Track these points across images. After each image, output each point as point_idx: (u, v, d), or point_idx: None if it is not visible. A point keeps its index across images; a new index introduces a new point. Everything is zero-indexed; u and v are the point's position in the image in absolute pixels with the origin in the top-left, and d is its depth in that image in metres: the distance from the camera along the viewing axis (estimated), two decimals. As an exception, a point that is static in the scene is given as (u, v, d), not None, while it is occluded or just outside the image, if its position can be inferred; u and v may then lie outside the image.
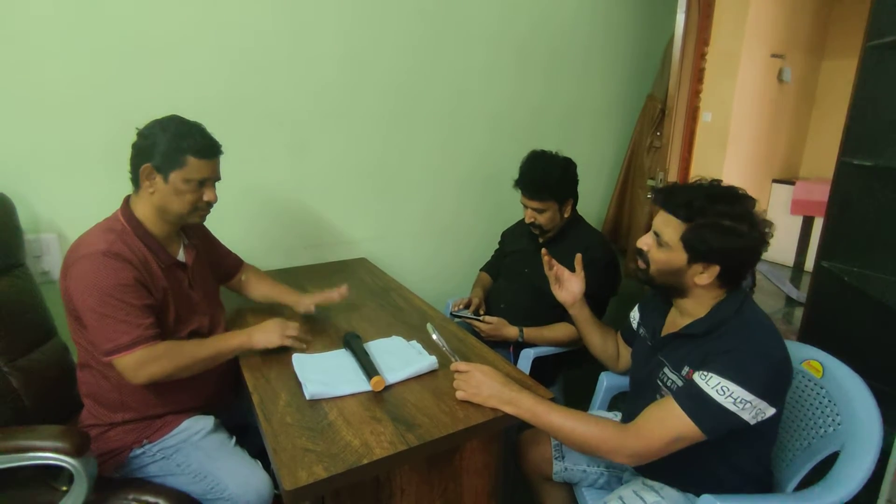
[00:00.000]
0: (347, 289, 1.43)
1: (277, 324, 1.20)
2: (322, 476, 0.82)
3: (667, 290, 1.06)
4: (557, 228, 1.65)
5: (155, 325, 1.07)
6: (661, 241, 1.01)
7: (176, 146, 1.08)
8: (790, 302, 3.67)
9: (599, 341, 1.34)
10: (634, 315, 1.28)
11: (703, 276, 0.97)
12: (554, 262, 1.36)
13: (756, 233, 0.95)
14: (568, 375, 1.82)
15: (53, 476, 1.07)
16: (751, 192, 1.02)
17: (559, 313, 1.63)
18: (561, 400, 1.79)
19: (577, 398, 1.61)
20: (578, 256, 1.34)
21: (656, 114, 2.30)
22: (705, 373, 0.91)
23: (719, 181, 1.02)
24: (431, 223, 2.17)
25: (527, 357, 1.54)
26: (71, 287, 1.03)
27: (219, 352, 1.13)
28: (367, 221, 2.03)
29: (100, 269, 1.02)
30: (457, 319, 1.68)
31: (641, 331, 1.20)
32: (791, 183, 4.30)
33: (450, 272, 2.24)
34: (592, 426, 0.96)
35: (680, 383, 0.99)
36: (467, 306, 1.75)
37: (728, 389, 0.88)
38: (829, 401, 1.11)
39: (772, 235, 0.98)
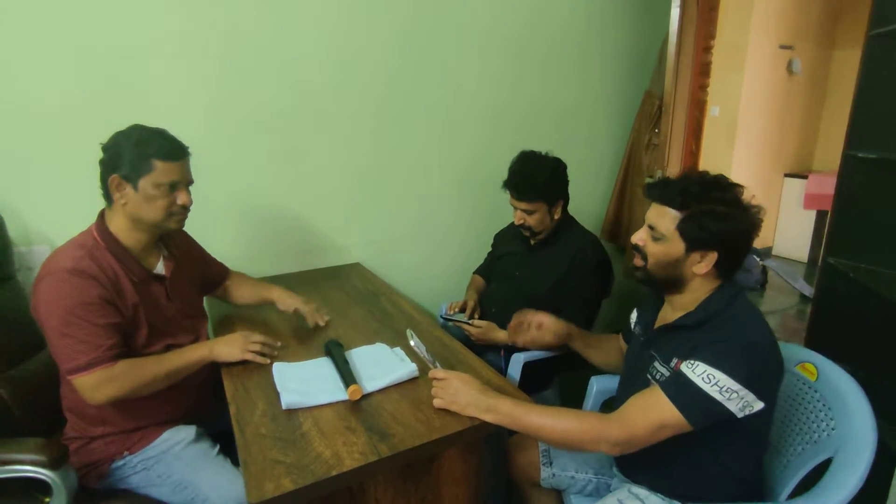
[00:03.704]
0: (324, 318, 1.43)
1: (240, 336, 1.20)
2: (289, 488, 0.81)
3: (665, 285, 1.04)
4: (548, 230, 1.62)
5: (116, 345, 1.06)
6: (657, 233, 1.00)
7: (140, 152, 1.07)
8: (804, 299, 3.58)
9: (602, 358, 1.33)
10: (633, 316, 1.25)
11: (702, 265, 0.97)
12: (520, 325, 1.34)
13: (749, 216, 0.95)
14: (564, 379, 1.79)
15: (41, 488, 1.08)
16: (762, 187, 1.02)
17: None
18: (558, 403, 1.76)
19: (575, 401, 1.58)
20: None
21: (654, 110, 2.26)
22: (692, 361, 0.90)
23: (707, 172, 1.01)
24: (426, 226, 2.16)
25: (517, 362, 1.52)
26: (37, 304, 1.03)
27: (180, 366, 1.13)
28: (361, 226, 2.02)
29: (63, 287, 1.01)
30: (450, 323, 1.66)
31: (637, 329, 1.19)
32: (804, 177, 4.20)
33: (446, 275, 2.23)
34: (573, 420, 0.94)
35: (668, 374, 0.98)
36: (462, 309, 1.74)
37: (714, 377, 0.87)
38: (824, 405, 1.07)
39: (762, 219, 0.97)
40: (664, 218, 0.98)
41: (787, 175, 4.34)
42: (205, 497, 1.08)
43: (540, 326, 1.34)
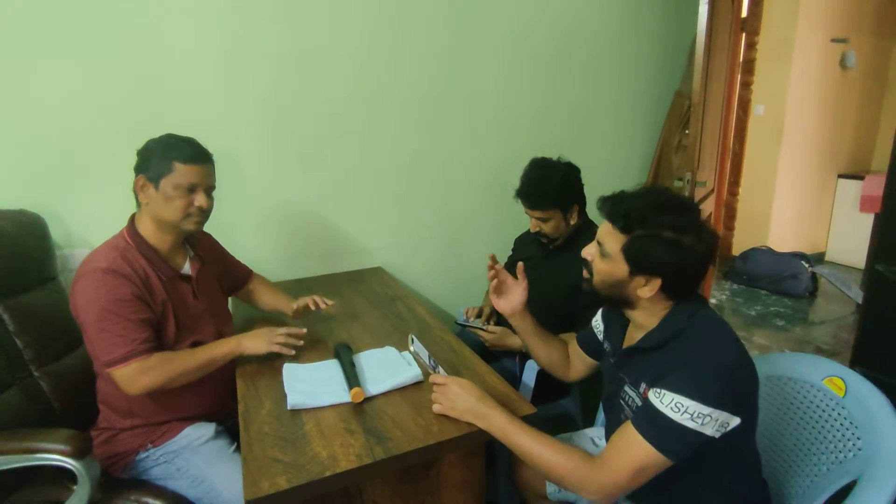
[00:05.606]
0: (329, 304, 1.44)
1: (266, 331, 1.24)
2: (283, 487, 0.84)
3: (613, 302, 1.00)
4: (565, 235, 1.59)
5: (150, 339, 1.12)
6: (604, 251, 0.95)
7: (164, 155, 1.15)
8: (859, 308, 3.34)
9: (543, 352, 1.26)
10: (598, 324, 1.19)
11: (646, 290, 0.92)
12: (498, 266, 1.23)
13: (701, 246, 0.89)
14: (585, 387, 1.75)
15: (70, 476, 1.16)
16: (812, 188, 0.94)
17: (568, 323, 1.58)
18: (577, 411, 1.72)
19: (596, 410, 1.54)
20: (520, 265, 1.21)
21: (684, 111, 2.18)
22: (658, 390, 0.86)
23: (668, 189, 0.96)
24: (448, 231, 2.16)
25: (532, 368, 1.50)
26: (76, 303, 1.11)
27: (209, 359, 1.18)
28: (384, 230, 2.05)
29: (99, 285, 1.09)
30: (467, 328, 1.66)
31: (606, 345, 1.13)
32: (860, 178, 3.94)
33: (468, 279, 2.22)
34: (559, 455, 0.91)
35: (639, 402, 0.93)
36: (479, 315, 1.74)
37: (682, 405, 0.82)
38: (851, 423, 1.00)
39: (716, 247, 0.92)
40: (610, 237, 0.93)
41: (841, 176, 4.08)
42: (219, 492, 1.13)
43: (507, 288, 1.23)
